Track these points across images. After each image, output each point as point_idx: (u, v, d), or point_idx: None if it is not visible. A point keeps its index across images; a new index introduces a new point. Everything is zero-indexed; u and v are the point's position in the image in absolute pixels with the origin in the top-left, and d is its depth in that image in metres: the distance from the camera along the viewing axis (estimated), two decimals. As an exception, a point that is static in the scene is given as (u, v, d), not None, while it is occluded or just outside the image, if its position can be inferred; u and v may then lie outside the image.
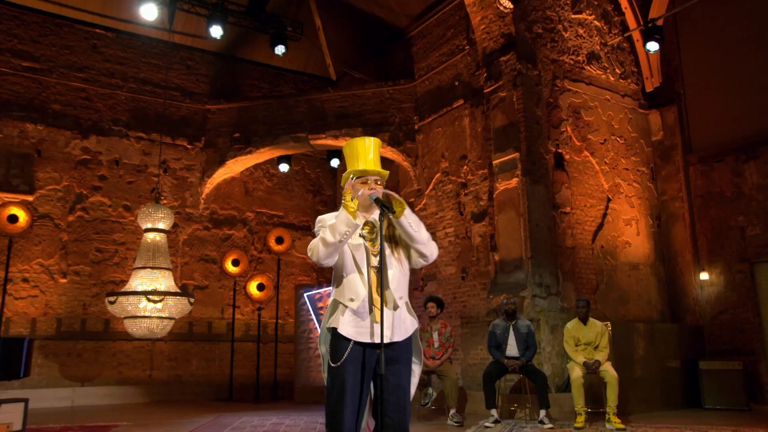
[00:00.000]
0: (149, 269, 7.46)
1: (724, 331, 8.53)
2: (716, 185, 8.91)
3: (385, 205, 2.63)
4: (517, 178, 8.09)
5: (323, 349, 2.69)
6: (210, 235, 11.34)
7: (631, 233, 9.11)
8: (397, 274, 2.70)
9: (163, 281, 7.51)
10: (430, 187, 9.80)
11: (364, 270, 2.63)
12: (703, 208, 9.02)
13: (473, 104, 9.21)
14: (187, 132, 11.17)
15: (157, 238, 7.76)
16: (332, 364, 2.59)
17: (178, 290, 7.93)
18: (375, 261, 2.65)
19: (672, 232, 9.28)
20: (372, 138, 2.83)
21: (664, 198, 9.45)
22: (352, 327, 2.61)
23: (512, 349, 6.84)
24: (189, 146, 11.16)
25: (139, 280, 7.45)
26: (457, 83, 9.64)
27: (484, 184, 8.77)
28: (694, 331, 8.74)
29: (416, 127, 10.24)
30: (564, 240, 8.37)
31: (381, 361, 2.49)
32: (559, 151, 8.56)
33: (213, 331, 11.02)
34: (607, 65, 9.46)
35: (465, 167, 9.19)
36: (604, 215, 8.86)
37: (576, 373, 6.49)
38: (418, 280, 9.77)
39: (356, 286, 2.62)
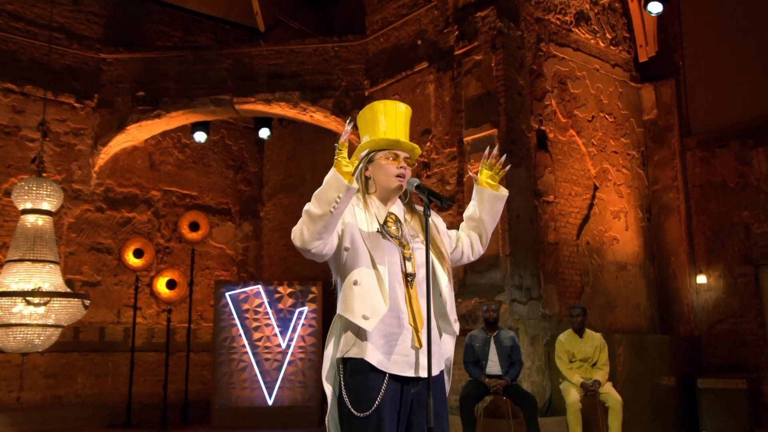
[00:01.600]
0: (29, 262, 6.56)
1: (723, 343, 8.48)
2: (717, 174, 8.83)
3: (434, 195, 2.34)
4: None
5: (329, 390, 2.34)
6: (104, 219, 10.53)
7: (619, 228, 8.94)
8: (447, 286, 2.46)
9: (48, 278, 6.63)
10: None
11: (386, 274, 2.31)
12: (701, 200, 8.94)
13: (440, 68, 8.83)
14: (74, 86, 10.14)
15: (40, 222, 6.84)
16: (356, 413, 2.23)
17: (69, 289, 7.02)
18: (409, 266, 2.40)
19: (664, 228, 9.16)
20: (403, 104, 2.56)
21: (656, 187, 9.32)
22: (383, 354, 2.29)
23: (494, 366, 6.45)
24: (77, 105, 10.15)
25: (14, 277, 6.54)
26: (419, 42, 9.19)
27: (452, 165, 8.44)
28: (689, 343, 8.66)
29: (367, 93, 9.79)
30: (546, 234, 8.10)
31: (429, 408, 2.19)
32: (543, 128, 8.33)
33: (106, 338, 10.25)
34: (597, 28, 9.23)
35: (428, 144, 8.84)
36: (591, 206, 8.68)
37: (572, 396, 6.16)
38: None
39: (372, 297, 2.29)
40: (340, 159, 2.26)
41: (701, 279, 8.77)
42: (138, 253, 10.31)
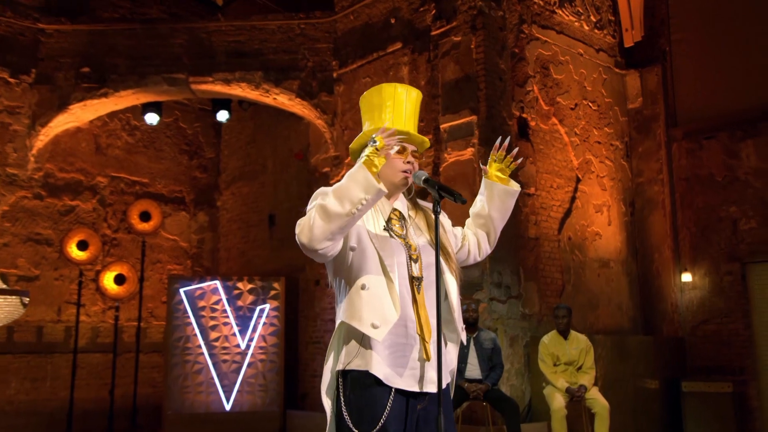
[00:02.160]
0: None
1: (708, 344, 8.60)
2: (704, 167, 8.91)
3: (445, 190, 2.28)
4: (472, 148, 7.79)
5: (329, 406, 2.27)
6: (43, 207, 10.21)
7: (602, 222, 8.97)
8: (456, 290, 2.40)
9: (-17, 274, 6.31)
10: None
11: (397, 278, 2.25)
12: (687, 194, 9.01)
13: (415, 49, 8.73)
14: (8, 59, 9.72)
15: (-27, 211, 6.51)
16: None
17: (4, 285, 6.73)
18: (416, 268, 2.33)
19: (648, 222, 9.22)
20: (415, 89, 2.48)
21: (640, 180, 9.38)
22: (389, 366, 2.22)
23: (473, 369, 6.42)
24: (12, 80, 9.76)
25: (-56, 272, 6.21)
26: (393, 21, 9.08)
27: (427, 154, 8.33)
28: (673, 344, 8.74)
29: (335, 75, 9.65)
30: (527, 229, 8.09)
31: (440, 427, 2.14)
32: (524, 116, 8.32)
33: (45, 339, 9.95)
34: (581, 10, 9.23)
35: None
36: (573, 199, 8.70)
37: (558, 402, 6.15)
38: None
39: (383, 304, 2.22)
40: (373, 158, 2.15)
41: (686, 277, 8.86)
42: (82, 245, 10.02)
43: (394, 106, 2.43)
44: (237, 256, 11.05)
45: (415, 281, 2.31)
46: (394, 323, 2.21)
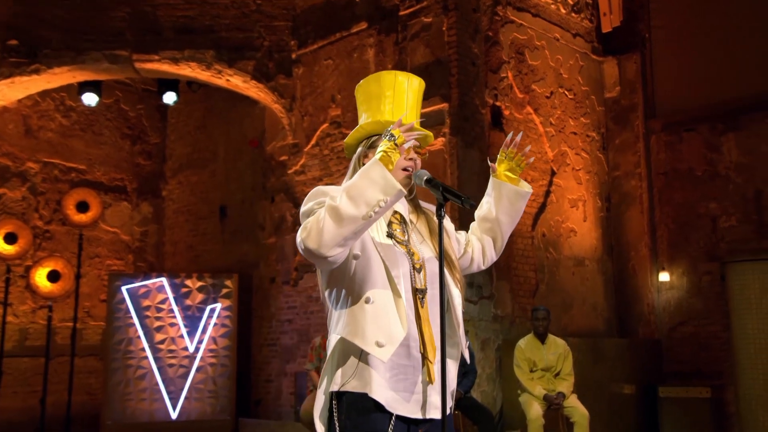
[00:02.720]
0: None
1: (685, 347, 8.75)
2: (684, 161, 9.04)
3: (450, 192, 2.18)
4: (443, 138, 7.81)
5: (321, 431, 2.23)
6: None
7: (577, 218, 9.05)
8: (461, 304, 2.34)
9: None
10: (313, 142, 9.27)
11: (403, 291, 2.19)
12: (665, 189, 9.14)
13: (382, 30, 8.67)
14: None
15: None
16: None
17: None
18: (420, 279, 2.26)
19: (625, 218, 9.34)
20: (417, 78, 2.44)
21: (616, 173, 9.48)
22: (391, 390, 2.17)
23: (445, 377, 6.33)
24: (-74, 52, 9.41)
25: None
26: (358, -2, 8.98)
27: None
28: (649, 347, 8.87)
29: (294, 56, 9.55)
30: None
31: None
32: (498, 104, 8.35)
33: None
34: (558, -8, 9.26)
35: None
36: (547, 193, 8.75)
37: (535, 411, 6.17)
38: (291, 270, 9.12)
39: (389, 319, 2.16)
40: (391, 154, 2.08)
41: (663, 276, 8.99)
42: (10, 238, 9.76)
43: (395, 96, 2.38)
44: (184, 250, 10.88)
45: (418, 294, 2.25)
46: (399, 340, 2.14)
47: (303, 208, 2.22)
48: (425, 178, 2.24)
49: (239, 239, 9.97)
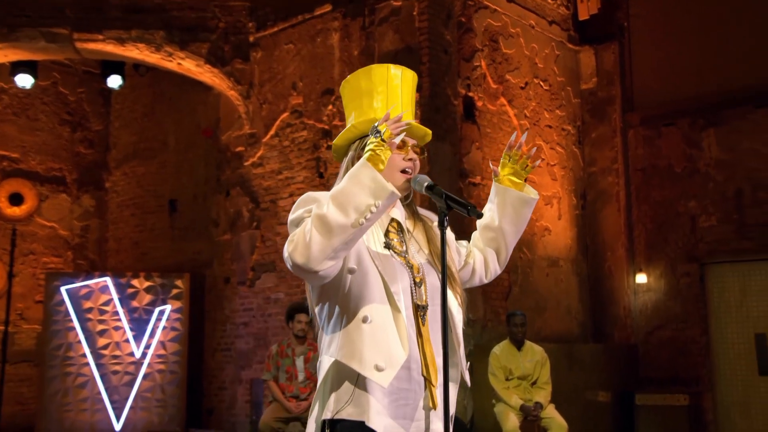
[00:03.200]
0: None
1: (662, 352, 8.89)
2: (663, 157, 9.16)
3: (454, 200, 2.13)
4: None
5: None
6: None
7: (551, 216, 9.11)
8: (461, 321, 2.31)
9: None
10: (272, 132, 9.21)
11: (403, 308, 2.14)
12: (643, 186, 9.26)
13: (348, 14, 8.64)
14: None
15: None
16: None
17: None
18: (421, 294, 2.22)
19: (601, 217, 9.43)
20: (410, 71, 2.38)
21: (592, 169, 9.56)
22: (390, 418, 2.12)
23: (415, 386, 6.31)
24: None
25: None
26: (321, -23, 8.93)
27: None
28: (625, 352, 8.98)
29: (252, 39, 9.47)
30: (471, 223, 8.04)
31: None
32: (470, 94, 8.38)
33: None
34: (534, -24, 9.31)
35: (330, 107, 8.67)
36: None
37: (512, 422, 6.19)
38: (247, 269, 9.10)
39: (389, 341, 2.10)
40: (379, 152, 2.00)
41: (640, 278, 9.10)
42: (-64, 233, 9.52)
43: (388, 92, 2.31)
44: (130, 247, 10.70)
45: (419, 311, 2.18)
46: (401, 363, 2.09)
47: (291, 216, 2.15)
48: (426, 184, 2.18)
49: (191, 236, 9.84)
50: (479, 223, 2.51)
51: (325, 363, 2.17)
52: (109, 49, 9.39)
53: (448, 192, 2.17)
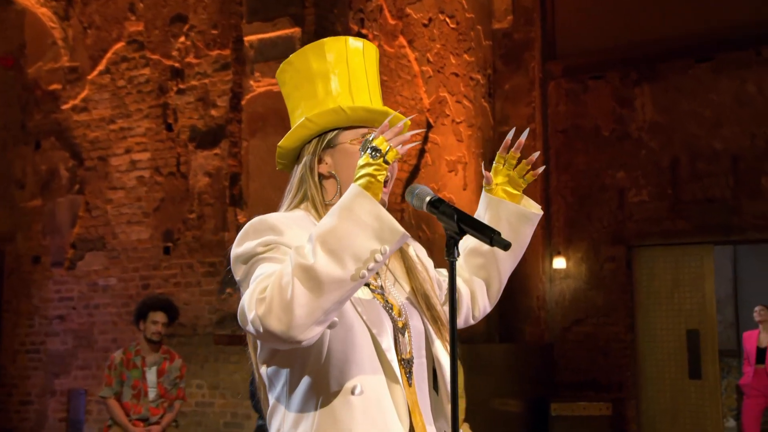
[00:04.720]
0: None
1: (581, 352, 9.08)
2: (589, 116, 9.28)
3: (469, 223, 1.87)
4: None
5: None
6: None
7: (456, 185, 9.22)
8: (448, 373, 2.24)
9: None
10: (101, 67, 9.06)
11: (397, 371, 2.00)
12: (564, 150, 9.37)
13: None
14: None
15: None
16: None
17: None
18: (405, 344, 2.08)
19: (455, 187, 9.50)
20: (371, 44, 2.26)
21: (504, 129, 9.56)
22: None
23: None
24: None
25: None
26: None
27: (223, 76, 8.34)
28: (539, 352, 9.09)
29: None
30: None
31: None
32: (364, 31, 8.25)
33: None
34: None
35: (182, 39, 8.62)
36: (422, 153, 8.84)
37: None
38: (66, 246, 8.86)
39: (385, 416, 1.98)
40: (380, 177, 1.80)
41: (558, 263, 9.23)
42: None
43: (349, 73, 2.17)
44: None
45: (403, 366, 2.03)
46: None
47: (237, 250, 1.96)
48: (428, 199, 1.92)
49: (-14, 201, 9.22)
50: (463, 245, 2.30)
51: None
52: None
53: (459, 210, 1.88)
